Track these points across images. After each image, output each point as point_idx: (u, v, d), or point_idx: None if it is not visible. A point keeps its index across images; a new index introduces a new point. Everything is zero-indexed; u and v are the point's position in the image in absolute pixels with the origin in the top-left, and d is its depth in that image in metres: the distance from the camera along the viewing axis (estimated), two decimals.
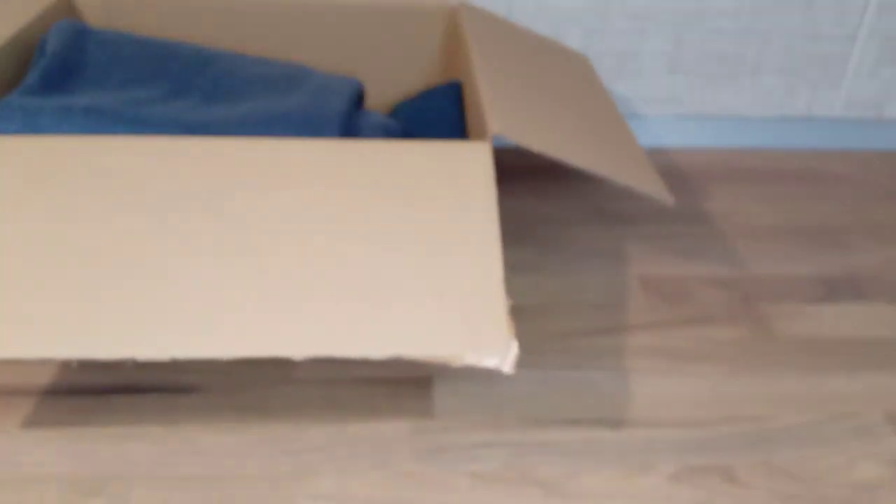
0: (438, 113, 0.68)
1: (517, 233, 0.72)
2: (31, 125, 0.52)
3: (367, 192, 0.49)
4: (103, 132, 0.52)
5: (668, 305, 0.64)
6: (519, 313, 0.62)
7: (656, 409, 0.54)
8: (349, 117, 0.60)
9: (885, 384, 0.57)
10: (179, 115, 0.55)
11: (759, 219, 0.76)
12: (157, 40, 0.62)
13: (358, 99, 0.64)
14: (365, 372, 0.55)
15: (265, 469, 0.48)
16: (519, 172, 0.81)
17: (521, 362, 0.57)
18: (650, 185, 0.58)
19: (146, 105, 0.56)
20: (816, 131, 0.90)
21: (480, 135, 0.54)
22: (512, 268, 0.67)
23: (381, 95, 0.76)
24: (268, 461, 0.49)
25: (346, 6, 0.72)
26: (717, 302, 0.64)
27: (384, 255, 0.46)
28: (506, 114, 0.55)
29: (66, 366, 0.55)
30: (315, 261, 0.46)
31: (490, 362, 0.43)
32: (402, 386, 0.55)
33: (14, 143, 0.47)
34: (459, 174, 0.50)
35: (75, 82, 0.57)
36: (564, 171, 0.82)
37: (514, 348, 0.43)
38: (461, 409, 0.53)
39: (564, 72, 0.72)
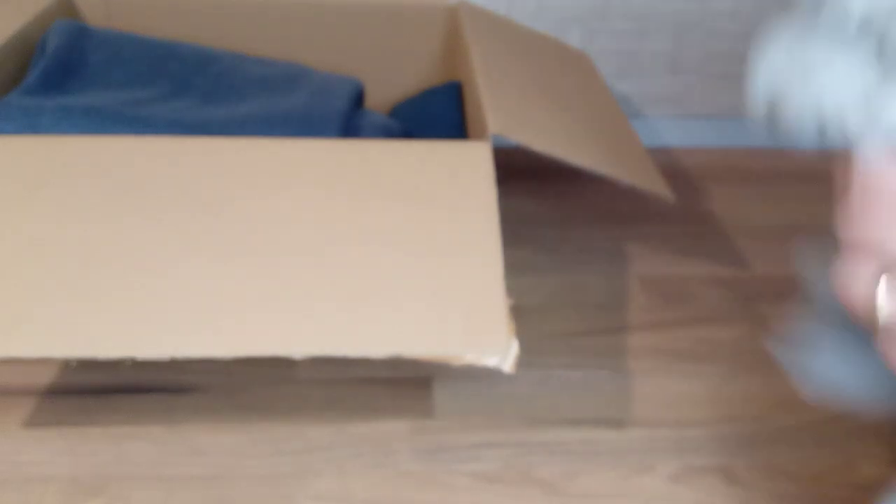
0: (438, 113, 0.68)
1: (517, 233, 0.72)
2: (32, 125, 0.52)
3: (367, 192, 0.49)
4: (103, 132, 0.52)
5: (668, 305, 0.64)
6: (519, 313, 0.62)
7: (656, 409, 0.54)
8: (349, 117, 0.60)
9: None
10: (179, 115, 0.55)
11: (759, 219, 0.76)
12: (157, 40, 0.62)
13: (357, 99, 0.64)
14: (365, 372, 0.55)
15: (265, 469, 0.48)
16: (519, 172, 0.81)
17: (521, 362, 0.57)
18: (651, 183, 0.58)
19: (146, 105, 0.56)
20: None
21: (480, 135, 0.54)
22: (512, 268, 0.67)
23: (381, 95, 0.76)
24: (268, 461, 0.49)
25: (346, 6, 0.72)
26: (717, 302, 0.64)
27: (384, 255, 0.46)
28: (506, 114, 0.55)
29: (66, 366, 0.55)
30: (315, 260, 0.46)
31: (490, 362, 0.43)
32: (402, 386, 0.55)
33: (14, 143, 0.47)
34: (459, 174, 0.50)
35: (75, 82, 0.57)
36: (564, 171, 0.82)
37: (514, 348, 0.43)
38: (461, 409, 0.53)
39: (565, 70, 0.72)
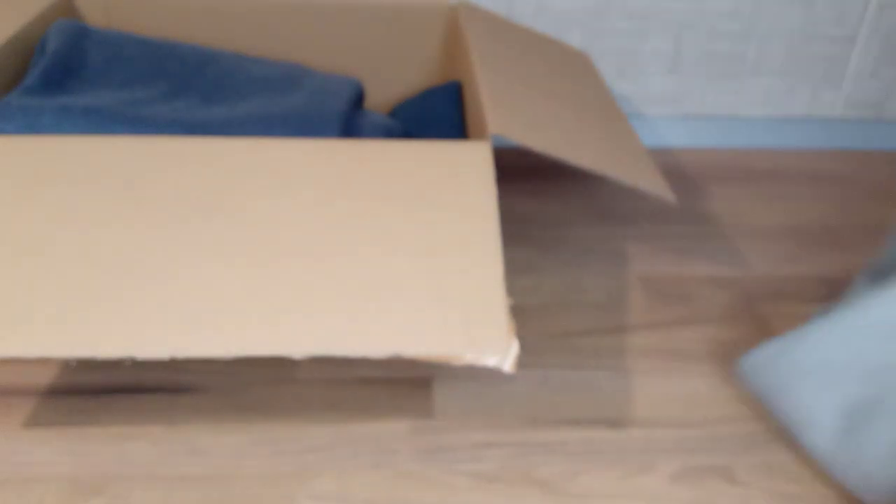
0: (438, 113, 0.68)
1: (517, 233, 0.72)
2: (32, 125, 0.52)
3: (366, 192, 0.49)
4: (103, 132, 0.52)
5: (668, 305, 0.64)
6: (519, 313, 0.62)
7: (656, 409, 0.54)
8: (349, 117, 0.60)
9: None
10: (179, 115, 0.55)
11: (759, 219, 0.76)
12: (157, 40, 0.62)
13: (357, 99, 0.64)
14: (365, 372, 0.55)
15: (265, 469, 0.48)
16: (519, 172, 0.81)
17: (521, 362, 0.57)
18: (652, 184, 0.58)
19: (146, 105, 0.56)
20: (816, 131, 0.90)
21: (480, 135, 0.54)
22: (512, 268, 0.67)
23: (381, 95, 0.76)
24: (268, 461, 0.49)
25: (346, 6, 0.72)
26: (717, 302, 0.64)
27: (384, 255, 0.46)
28: (506, 114, 0.55)
29: (66, 366, 0.55)
30: (314, 260, 0.46)
31: (490, 362, 0.43)
32: (402, 386, 0.55)
33: (14, 143, 0.47)
34: (459, 174, 0.50)
35: (75, 82, 0.57)
36: (564, 171, 0.82)
37: (514, 347, 0.43)
38: (461, 409, 0.53)
39: (565, 70, 0.72)
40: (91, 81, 0.58)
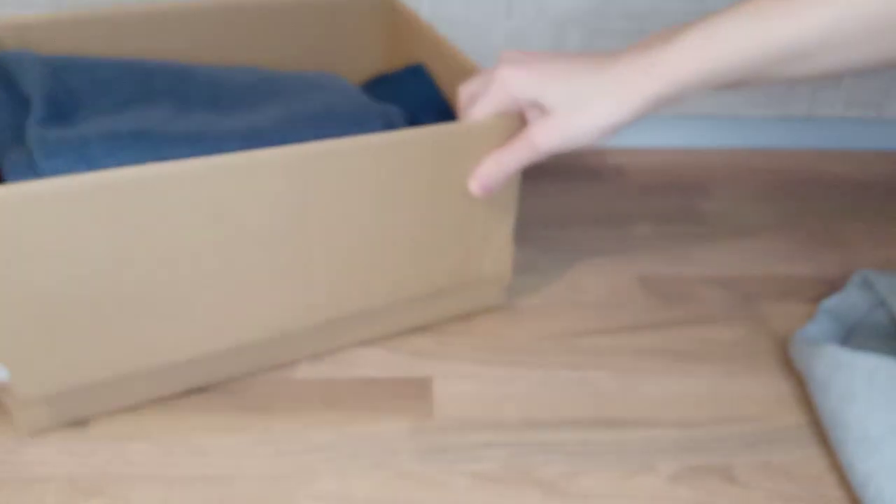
0: (420, 97, 0.66)
1: (517, 233, 0.72)
2: (83, 157, 0.47)
3: (390, 185, 0.50)
4: (159, 155, 0.47)
5: (668, 305, 0.64)
6: (519, 313, 0.62)
7: (656, 409, 0.54)
8: (387, 110, 0.59)
9: None
10: (229, 126, 0.51)
11: (760, 219, 0.76)
12: (122, 60, 0.56)
13: None
14: (365, 372, 0.55)
15: (265, 469, 0.48)
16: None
17: (522, 362, 0.57)
18: None
19: (176, 122, 0.52)
20: (816, 131, 0.90)
21: None
22: (512, 268, 0.67)
23: None
24: (268, 461, 0.49)
25: (275, 5, 0.68)
26: (717, 302, 0.64)
27: (393, 252, 0.48)
28: None
29: None
30: (332, 251, 0.46)
31: None
32: (402, 386, 0.55)
33: (74, 183, 0.41)
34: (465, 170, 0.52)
35: (80, 110, 0.52)
36: (564, 171, 0.82)
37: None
38: (461, 409, 0.53)
39: None
40: (93, 108, 0.53)
